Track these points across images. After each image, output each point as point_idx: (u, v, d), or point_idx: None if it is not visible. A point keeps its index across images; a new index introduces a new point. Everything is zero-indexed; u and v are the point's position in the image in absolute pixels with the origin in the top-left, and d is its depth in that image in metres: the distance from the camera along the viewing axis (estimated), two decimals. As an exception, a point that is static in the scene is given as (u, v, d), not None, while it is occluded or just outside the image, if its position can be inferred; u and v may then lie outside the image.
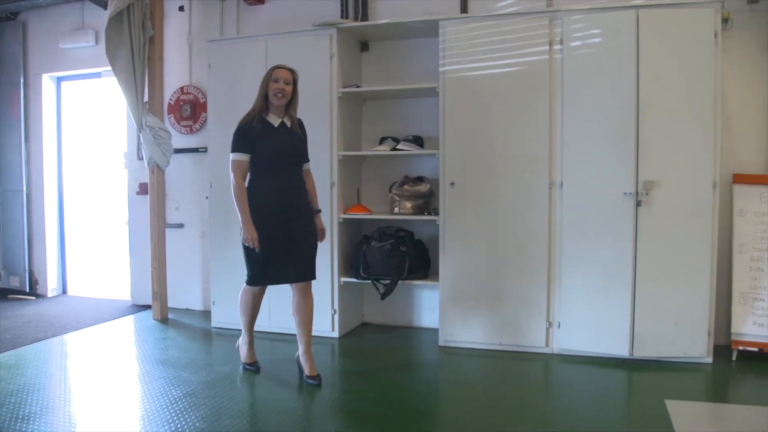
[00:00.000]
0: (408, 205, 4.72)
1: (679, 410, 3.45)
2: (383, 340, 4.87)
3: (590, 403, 3.58)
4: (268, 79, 3.76)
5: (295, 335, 3.98)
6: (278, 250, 3.76)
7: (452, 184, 4.47)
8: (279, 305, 4.78)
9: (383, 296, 4.66)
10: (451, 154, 4.48)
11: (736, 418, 3.52)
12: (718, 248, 4.28)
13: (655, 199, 4.13)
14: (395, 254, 4.61)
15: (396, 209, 4.76)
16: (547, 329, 4.38)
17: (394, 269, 4.62)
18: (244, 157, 3.73)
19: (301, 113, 4.54)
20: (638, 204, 4.14)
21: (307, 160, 3.99)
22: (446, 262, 4.53)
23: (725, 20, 4.46)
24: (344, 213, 4.82)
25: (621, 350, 4.24)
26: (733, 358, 4.28)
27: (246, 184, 3.77)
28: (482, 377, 4.11)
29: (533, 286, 4.36)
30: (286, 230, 3.76)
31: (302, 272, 3.84)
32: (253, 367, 4.11)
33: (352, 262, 4.84)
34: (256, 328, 4.17)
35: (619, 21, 4.16)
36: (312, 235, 3.92)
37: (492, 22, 4.44)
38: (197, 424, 3.25)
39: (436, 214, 4.59)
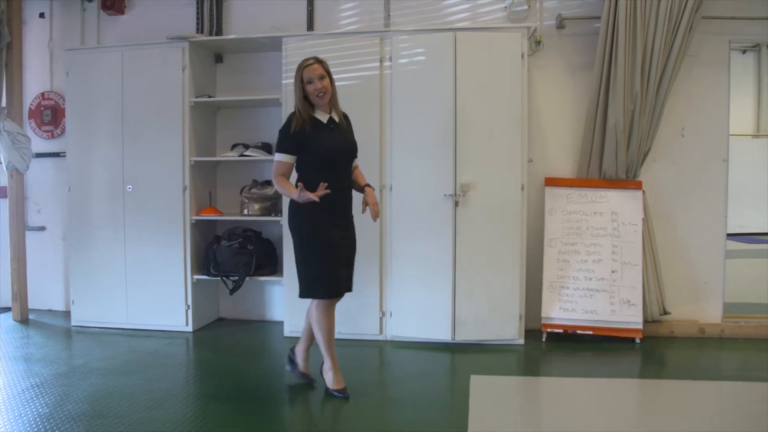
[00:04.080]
0: (257, 207, 5.08)
1: (480, 383, 3.98)
2: (235, 333, 5.21)
3: (409, 380, 4.04)
4: (300, 80, 3.50)
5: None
6: (340, 256, 3.57)
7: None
8: (136, 298, 5.10)
9: (232, 291, 5.02)
10: (293, 160, 4.87)
11: (527, 386, 4.11)
12: (532, 243, 4.89)
13: (471, 199, 4.66)
14: (243, 252, 4.97)
15: (246, 211, 5.11)
16: (381, 318, 4.84)
17: (242, 266, 4.97)
18: (286, 158, 3.51)
19: (153, 121, 4.88)
20: (456, 204, 4.65)
21: (356, 156, 3.73)
22: (289, 259, 4.90)
23: (538, 42, 5.07)
24: (196, 215, 5.12)
25: (444, 335, 4.74)
26: (543, 340, 4.86)
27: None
28: (317, 361, 4.50)
29: (367, 280, 4.80)
30: (338, 235, 3.57)
31: (349, 284, 3.71)
32: (343, 394, 3.67)
33: (203, 261, 5.15)
34: (108, 324, 4.33)
35: (440, 42, 4.67)
36: (355, 245, 3.72)
37: (331, 39, 4.87)
38: (40, 410, 3.50)
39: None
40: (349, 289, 3.70)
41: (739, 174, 14.01)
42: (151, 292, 5.12)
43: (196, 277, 5.10)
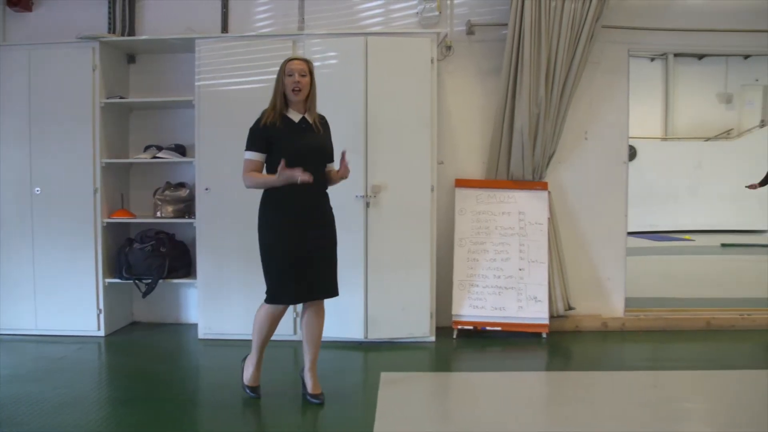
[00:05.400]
0: (170, 209, 5.06)
1: (389, 378, 4.09)
2: (149, 337, 5.17)
3: (320, 379, 4.01)
4: (282, 73, 3.46)
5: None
6: (303, 260, 3.47)
7: (207, 189, 4.86)
8: (45, 303, 5.02)
9: (144, 294, 4.99)
10: (205, 162, 4.88)
11: (437, 382, 4.25)
12: (443, 242, 5.03)
13: (382, 201, 4.77)
14: (156, 255, 4.94)
15: (159, 213, 5.08)
16: (294, 319, 4.89)
17: (154, 269, 4.94)
18: (255, 156, 3.46)
19: (63, 122, 4.79)
20: (368, 205, 4.75)
21: (332, 161, 3.64)
22: (203, 261, 4.92)
23: (448, 47, 5.22)
24: (108, 217, 5.06)
25: (357, 334, 4.83)
26: (454, 336, 5.01)
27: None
28: (233, 363, 4.52)
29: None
30: (308, 237, 3.48)
31: (327, 287, 3.61)
32: (254, 393, 3.73)
33: (115, 264, 5.09)
34: (16, 330, 4.23)
35: (352, 46, 4.76)
36: (335, 246, 3.65)
37: (244, 41, 4.90)
38: None
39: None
40: (330, 292, 3.62)
41: (648, 175, 14.72)
42: (62, 297, 5.01)
43: (107, 280, 5.04)
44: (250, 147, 3.48)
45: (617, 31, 5.21)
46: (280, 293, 3.51)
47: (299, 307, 4.74)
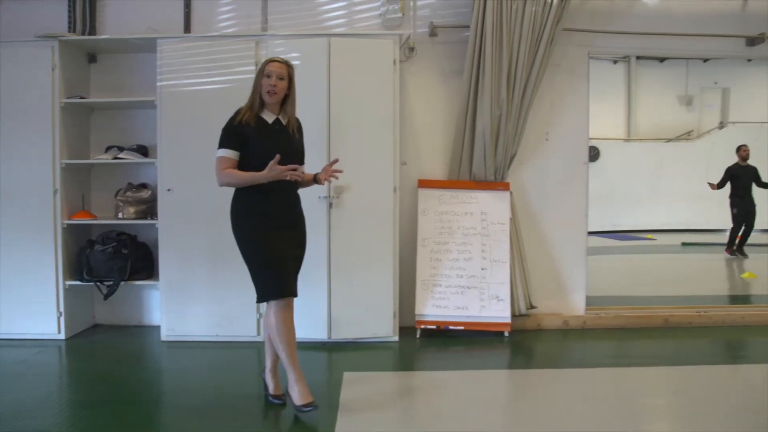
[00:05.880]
0: (132, 210, 5.02)
1: (352, 378, 4.11)
2: (111, 339, 5.11)
3: (283, 379, 4.04)
4: (261, 73, 3.43)
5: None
6: (285, 258, 3.47)
7: (169, 190, 4.84)
8: (4, 306, 4.95)
9: (106, 297, 4.94)
10: (168, 163, 4.85)
11: (399, 381, 4.27)
12: (406, 243, 5.08)
13: (345, 202, 4.78)
14: (117, 257, 4.90)
15: (120, 214, 5.04)
16: (258, 319, 4.89)
17: (116, 271, 4.90)
18: (229, 154, 3.38)
19: (22, 122, 4.72)
20: (330, 206, 4.77)
21: (302, 163, 3.59)
22: (166, 263, 4.89)
23: (411, 49, 5.26)
24: (68, 219, 5.00)
25: (321, 334, 4.84)
26: (417, 336, 5.04)
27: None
28: (196, 365, 4.51)
29: (245, 282, 4.77)
30: (285, 237, 3.49)
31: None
32: (312, 407, 3.49)
33: (76, 266, 5.04)
34: None
35: (314, 47, 4.77)
36: (305, 247, 3.66)
37: (207, 42, 4.88)
38: None
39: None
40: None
41: (612, 175, 14.96)
42: (21, 300, 4.93)
43: (68, 282, 4.98)
44: (224, 145, 3.41)
45: (578, 33, 5.31)
46: (279, 286, 3.44)
47: (262, 308, 4.76)
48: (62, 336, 5.00)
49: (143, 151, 5.14)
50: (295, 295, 3.54)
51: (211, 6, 5.36)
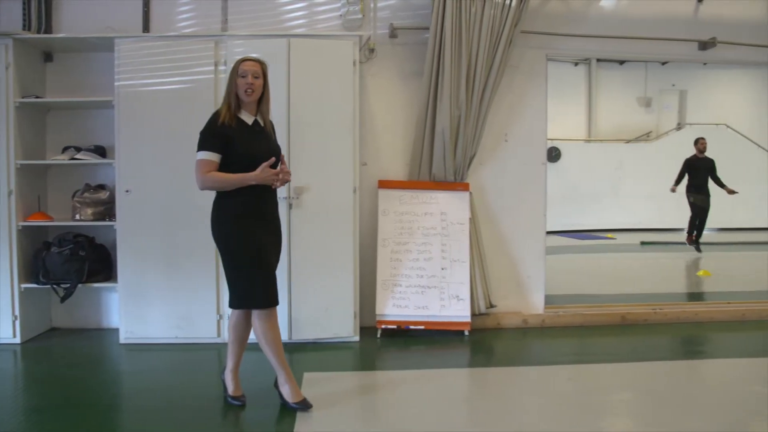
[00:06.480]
0: (89, 211, 4.96)
1: (312, 378, 4.12)
2: (68, 343, 5.04)
3: (243, 380, 4.00)
4: (235, 74, 3.38)
5: None
6: (271, 261, 3.47)
7: (127, 191, 4.79)
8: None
9: (63, 299, 4.87)
10: (126, 164, 4.81)
11: (360, 381, 4.29)
12: (367, 243, 5.10)
13: (305, 202, 4.79)
14: (74, 259, 4.83)
15: (78, 216, 4.97)
16: (218, 321, 4.87)
17: (73, 273, 4.84)
18: (210, 156, 3.32)
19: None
20: (290, 207, 4.77)
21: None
22: (124, 265, 4.84)
23: (371, 50, 5.28)
24: (24, 220, 4.92)
25: (282, 335, 4.80)
26: (378, 336, 5.07)
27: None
28: (154, 367, 4.48)
29: (204, 284, 4.82)
30: (272, 240, 3.51)
31: None
32: (304, 406, 3.56)
33: (32, 268, 4.96)
34: None
35: (274, 47, 4.77)
36: (279, 255, 3.63)
37: (165, 42, 4.84)
38: None
39: (117, 219, 4.89)
40: None
41: (573, 176, 15.15)
42: (-26, 304, 4.85)
43: (23, 285, 4.89)
44: (205, 147, 3.34)
45: (536, 36, 5.39)
46: (268, 294, 3.44)
47: (222, 309, 4.76)
48: (17, 340, 4.92)
49: (101, 151, 5.09)
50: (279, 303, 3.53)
51: (170, 5, 5.32)
